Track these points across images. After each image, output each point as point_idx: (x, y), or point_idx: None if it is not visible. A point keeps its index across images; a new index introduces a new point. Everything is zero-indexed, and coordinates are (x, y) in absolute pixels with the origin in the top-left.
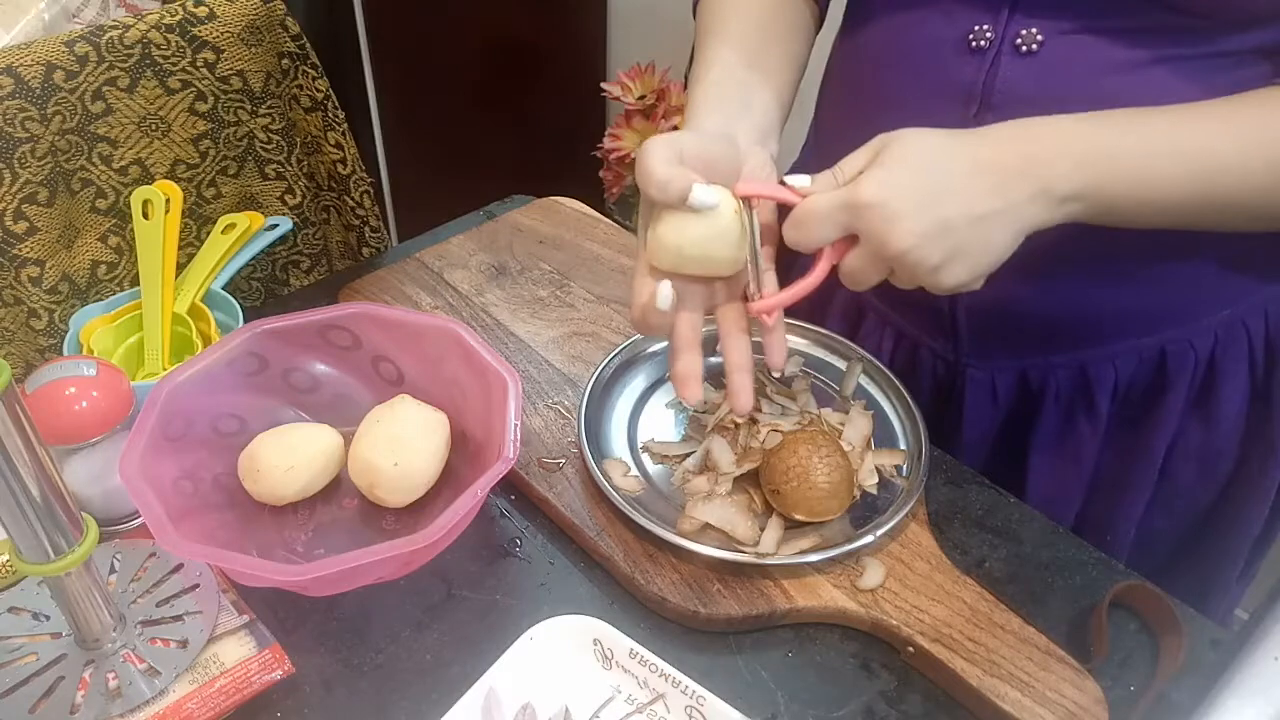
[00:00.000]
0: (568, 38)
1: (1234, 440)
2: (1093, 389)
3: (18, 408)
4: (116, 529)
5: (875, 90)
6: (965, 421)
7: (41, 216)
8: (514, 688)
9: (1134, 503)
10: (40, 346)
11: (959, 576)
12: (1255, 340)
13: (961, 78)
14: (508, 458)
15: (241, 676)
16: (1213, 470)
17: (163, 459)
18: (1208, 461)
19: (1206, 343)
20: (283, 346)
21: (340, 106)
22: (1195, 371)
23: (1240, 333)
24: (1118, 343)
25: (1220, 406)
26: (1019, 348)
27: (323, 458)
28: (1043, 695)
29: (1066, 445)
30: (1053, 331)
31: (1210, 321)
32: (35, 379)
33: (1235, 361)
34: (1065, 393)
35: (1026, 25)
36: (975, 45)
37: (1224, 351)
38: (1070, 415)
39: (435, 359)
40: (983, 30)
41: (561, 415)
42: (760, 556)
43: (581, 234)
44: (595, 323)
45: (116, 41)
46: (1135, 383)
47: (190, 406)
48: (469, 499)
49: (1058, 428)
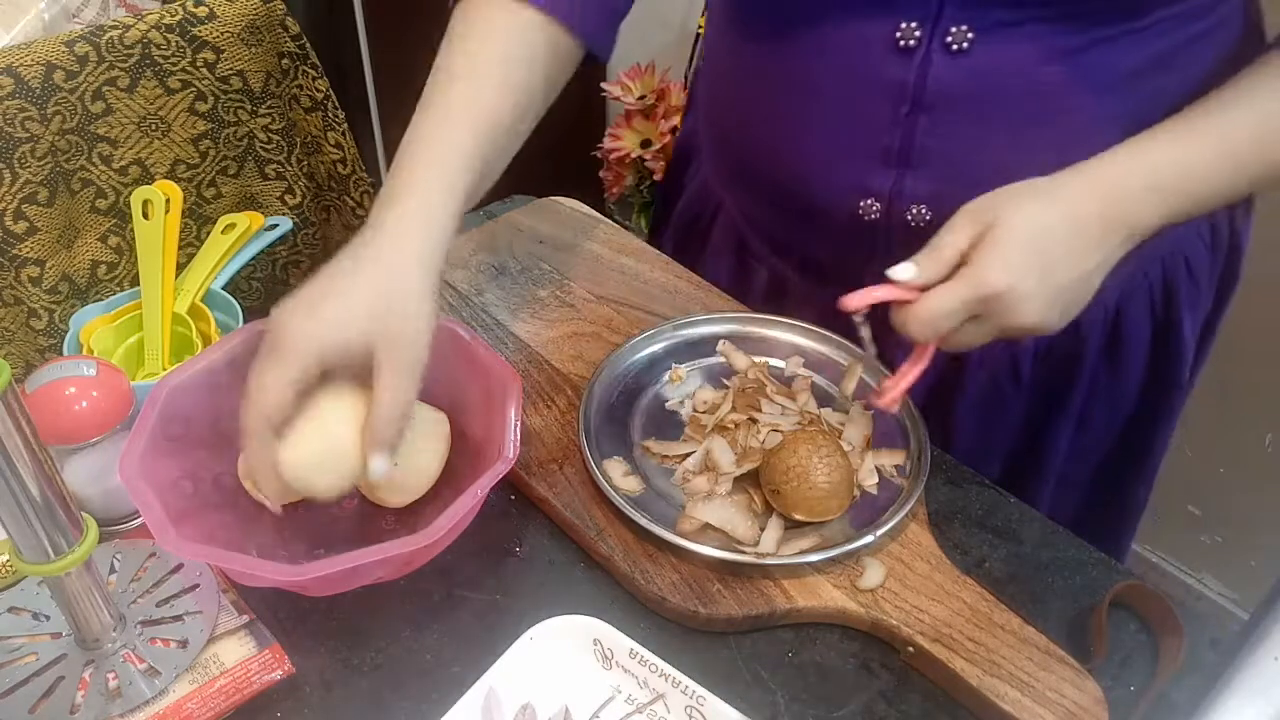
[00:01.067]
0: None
1: (1137, 381)
2: (1017, 356)
3: (18, 408)
4: (116, 529)
5: (802, 86)
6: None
7: (41, 216)
8: (514, 688)
9: (1055, 453)
10: (40, 346)
11: (959, 576)
12: (1155, 287)
13: (890, 77)
14: (508, 458)
15: (241, 676)
16: (1119, 412)
17: (162, 459)
18: (1115, 404)
19: (1113, 295)
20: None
21: (340, 106)
22: (1105, 322)
23: (1141, 281)
24: None
25: (1127, 352)
26: None
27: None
28: (1043, 695)
29: (992, 403)
30: None
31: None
32: (35, 379)
33: (1138, 308)
34: (989, 359)
35: (956, 23)
36: (904, 45)
37: (1127, 300)
38: (994, 379)
39: (436, 358)
40: (910, 29)
41: (561, 415)
42: (760, 556)
43: (581, 234)
44: (595, 323)
45: (116, 41)
46: (1055, 342)
47: (190, 406)
48: (469, 499)
49: (984, 388)
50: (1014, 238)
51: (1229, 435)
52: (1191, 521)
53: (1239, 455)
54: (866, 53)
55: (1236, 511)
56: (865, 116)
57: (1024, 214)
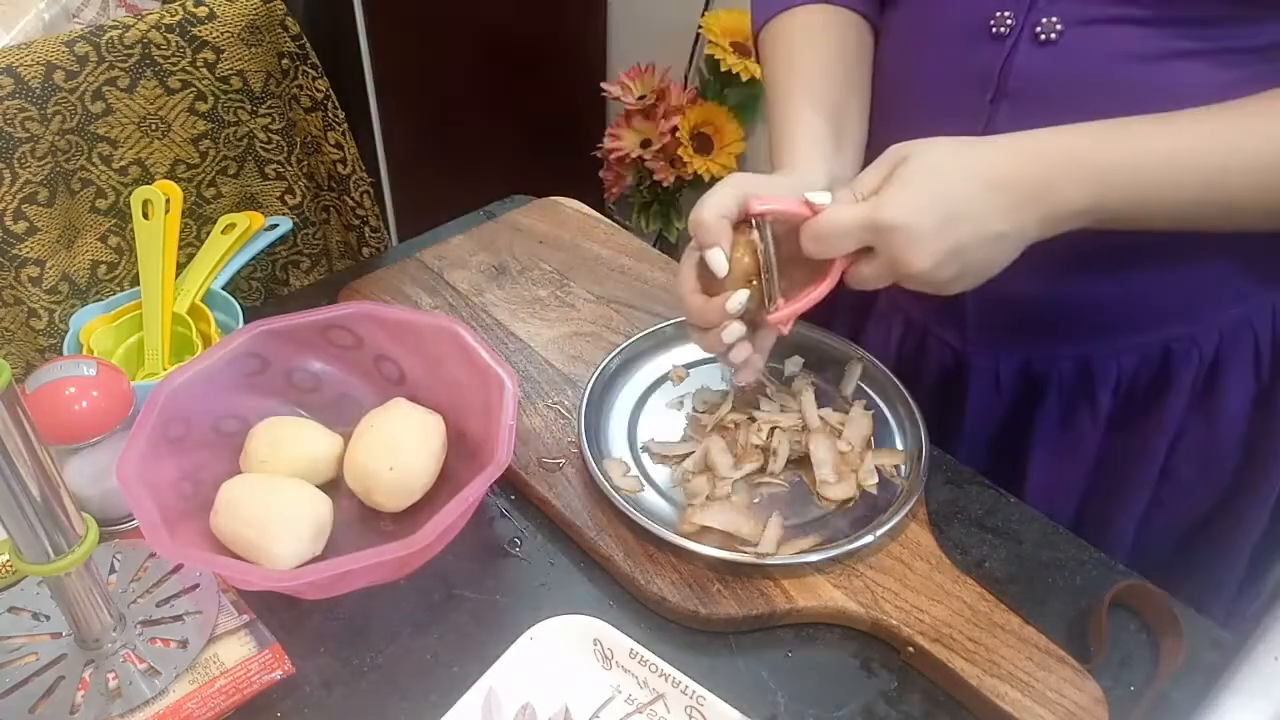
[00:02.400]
0: (568, 38)
1: (1236, 442)
2: (1095, 383)
3: (18, 408)
4: (116, 529)
5: (900, 74)
6: (968, 410)
7: (41, 216)
8: (514, 688)
9: (1134, 501)
10: (40, 346)
11: (959, 576)
12: (1262, 341)
13: (980, 64)
14: (500, 461)
15: (241, 676)
16: (1214, 471)
17: (163, 460)
18: (1209, 462)
19: (1211, 341)
20: (284, 346)
21: (340, 106)
22: (1199, 370)
23: (1247, 333)
24: (1122, 338)
25: (1224, 407)
26: (1024, 337)
27: (321, 460)
28: (1043, 695)
29: (1067, 438)
30: (1058, 322)
31: (1216, 320)
32: (35, 379)
33: (1240, 362)
34: (1068, 384)
35: (1048, 14)
36: (996, 31)
37: (1229, 351)
38: (1071, 408)
39: (436, 358)
40: (1004, 17)
41: (561, 415)
42: (760, 556)
43: (581, 234)
44: (595, 323)
45: (116, 41)
46: (1138, 379)
47: (191, 407)
48: (459, 504)
49: (1059, 420)
50: (920, 178)
51: None
52: None
53: None
54: (960, 38)
55: None
56: (953, 103)
57: (937, 159)
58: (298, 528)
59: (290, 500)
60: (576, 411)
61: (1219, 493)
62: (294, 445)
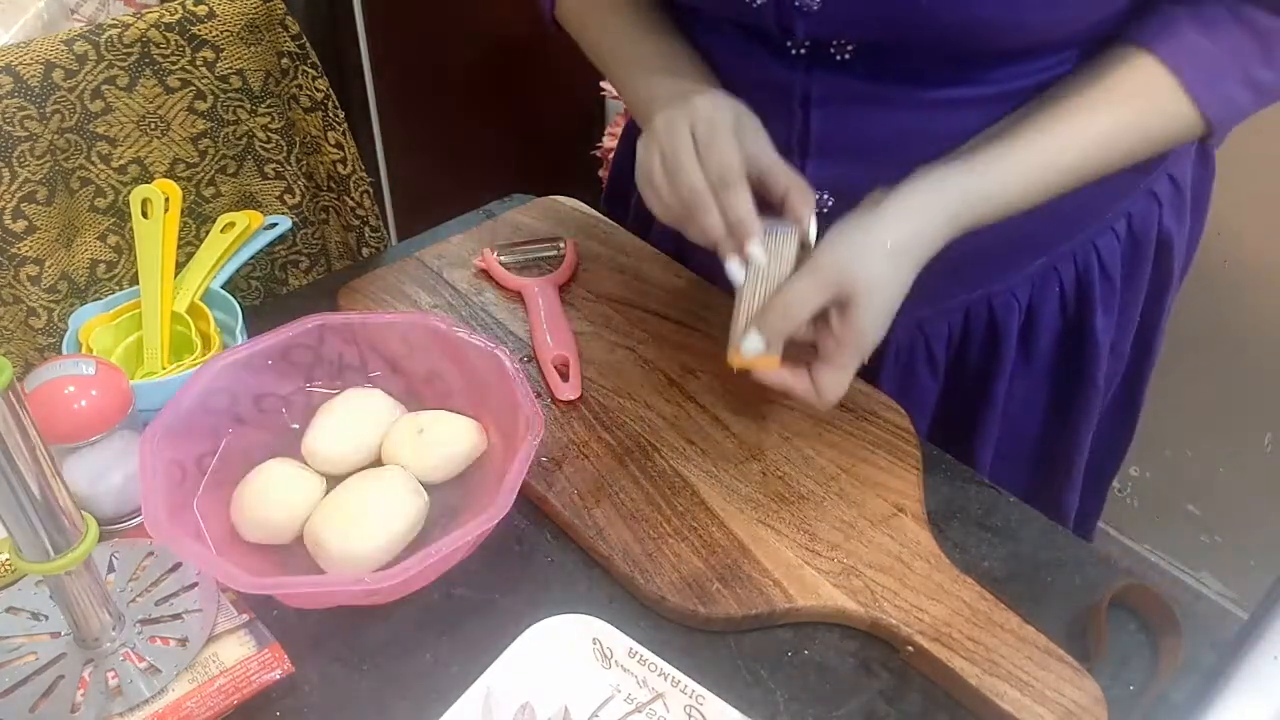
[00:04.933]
0: (568, 37)
1: (1048, 369)
2: (930, 342)
3: (18, 407)
4: (115, 528)
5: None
6: None
7: (40, 215)
8: (513, 687)
9: (984, 452)
10: (39, 345)
11: (958, 576)
12: (1066, 283)
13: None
14: (501, 506)
15: (241, 675)
16: (1034, 404)
17: (190, 433)
18: (1030, 403)
19: (1026, 291)
20: (342, 343)
21: (340, 106)
22: (1020, 318)
23: (1053, 277)
24: (947, 299)
25: (1038, 343)
26: None
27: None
28: (1042, 694)
29: (910, 396)
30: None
31: (1028, 271)
32: (34, 378)
33: (1049, 303)
34: (904, 347)
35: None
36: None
37: (1040, 296)
38: (910, 367)
39: (482, 381)
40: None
41: (561, 415)
42: None
43: (581, 234)
44: (595, 323)
45: (115, 40)
46: (970, 334)
47: (239, 383)
48: (451, 543)
49: (899, 380)
50: (869, 306)
51: (1229, 435)
52: (1191, 521)
53: (1239, 455)
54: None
55: (1236, 511)
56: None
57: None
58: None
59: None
60: (577, 411)
61: (1041, 429)
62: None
